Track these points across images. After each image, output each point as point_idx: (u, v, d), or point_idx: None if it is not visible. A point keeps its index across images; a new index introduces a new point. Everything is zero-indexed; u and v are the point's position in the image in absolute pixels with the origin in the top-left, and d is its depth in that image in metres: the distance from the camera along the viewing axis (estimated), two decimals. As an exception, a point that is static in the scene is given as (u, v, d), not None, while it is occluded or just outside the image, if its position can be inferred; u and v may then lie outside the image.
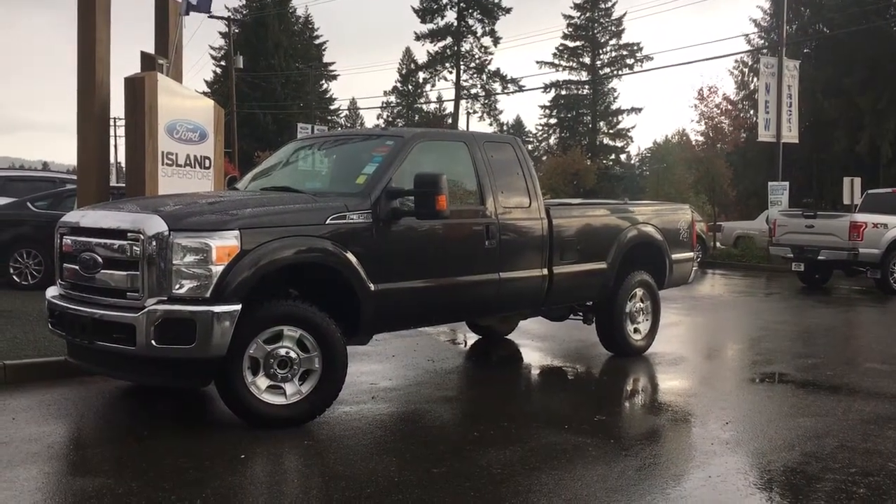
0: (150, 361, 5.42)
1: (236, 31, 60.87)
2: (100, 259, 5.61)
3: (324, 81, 66.21)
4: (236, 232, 5.38)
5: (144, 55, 9.68)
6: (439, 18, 59.56)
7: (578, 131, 64.39)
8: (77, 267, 5.78)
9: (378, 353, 8.37)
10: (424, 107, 65.78)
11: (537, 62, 61.89)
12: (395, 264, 6.23)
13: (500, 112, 65.07)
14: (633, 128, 63.08)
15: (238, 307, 5.31)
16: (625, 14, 60.01)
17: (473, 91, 61.69)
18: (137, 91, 8.81)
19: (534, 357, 8.69)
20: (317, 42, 66.18)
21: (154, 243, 5.31)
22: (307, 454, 5.22)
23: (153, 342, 5.24)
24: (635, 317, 8.47)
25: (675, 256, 8.88)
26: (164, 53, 9.95)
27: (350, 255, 5.87)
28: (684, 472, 4.90)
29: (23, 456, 4.96)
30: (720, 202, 29.48)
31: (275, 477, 4.80)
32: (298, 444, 5.32)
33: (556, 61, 62.54)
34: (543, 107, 64.43)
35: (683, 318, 11.81)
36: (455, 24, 59.44)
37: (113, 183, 11.06)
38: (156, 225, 5.36)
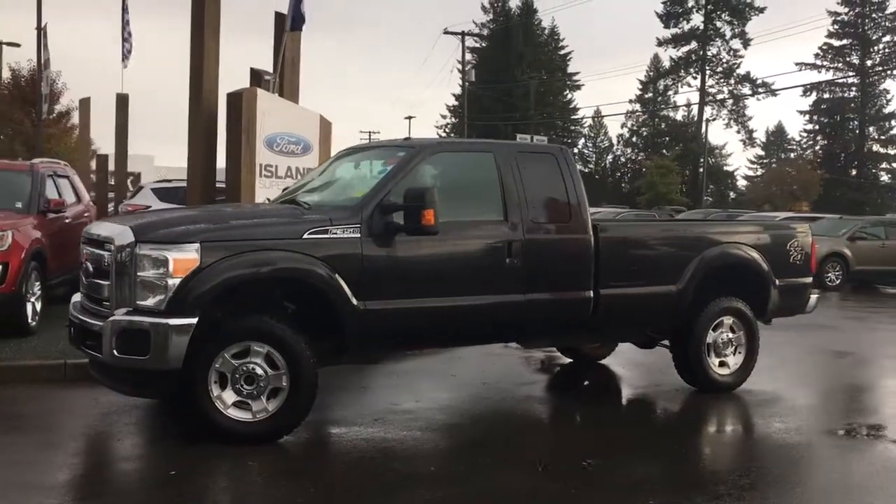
0: (116, 370, 5.56)
1: (483, 45, 62.45)
2: (91, 268, 5.87)
3: (567, 91, 66.01)
4: (196, 245, 5.37)
5: (253, 71, 10.09)
6: (684, 22, 57.26)
7: (844, 138, 58.96)
8: (81, 275, 6.09)
9: (438, 370, 8.05)
10: (670, 114, 63.39)
11: (796, 63, 57.41)
12: (389, 282, 5.91)
13: (750, 118, 60.69)
14: (909, 133, 56.33)
15: (193, 321, 5.28)
16: (902, 7, 53.95)
17: (720, 97, 58.39)
18: (236, 106, 9.17)
19: (603, 386, 7.95)
20: (561, 52, 66.20)
21: (122, 254, 5.44)
22: (237, 477, 5.06)
23: (115, 352, 5.35)
24: (721, 349, 7.40)
25: (781, 282, 7.67)
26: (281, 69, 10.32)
27: (329, 271, 5.66)
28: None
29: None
30: None
31: (176, 498, 4.69)
32: (240, 464, 5.15)
33: (820, 62, 57.82)
34: (803, 112, 59.65)
35: (824, 347, 10.20)
36: (701, 27, 56.72)
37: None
38: (125, 236, 5.49)
